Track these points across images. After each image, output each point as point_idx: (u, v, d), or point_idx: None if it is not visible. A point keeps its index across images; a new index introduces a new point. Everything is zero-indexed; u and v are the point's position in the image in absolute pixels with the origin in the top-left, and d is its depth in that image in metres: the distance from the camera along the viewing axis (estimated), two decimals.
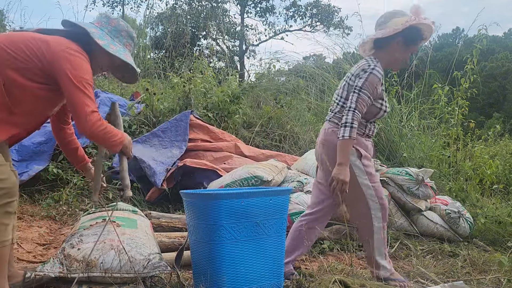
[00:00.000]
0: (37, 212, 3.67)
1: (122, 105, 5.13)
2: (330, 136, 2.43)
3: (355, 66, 2.48)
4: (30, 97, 1.87)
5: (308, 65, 7.59)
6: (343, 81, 2.50)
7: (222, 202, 2.04)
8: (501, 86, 26.56)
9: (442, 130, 5.72)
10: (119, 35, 2.10)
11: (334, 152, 2.36)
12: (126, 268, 2.02)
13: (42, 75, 1.87)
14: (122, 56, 2.03)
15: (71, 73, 1.85)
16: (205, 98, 5.57)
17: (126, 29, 2.13)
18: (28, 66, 1.83)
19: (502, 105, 25.27)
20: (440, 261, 3.06)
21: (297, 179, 3.44)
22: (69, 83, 1.85)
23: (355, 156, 2.39)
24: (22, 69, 1.82)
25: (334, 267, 2.68)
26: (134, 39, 2.18)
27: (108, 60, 2.08)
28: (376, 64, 2.37)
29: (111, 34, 2.07)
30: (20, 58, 1.82)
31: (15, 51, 1.82)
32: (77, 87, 1.85)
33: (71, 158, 2.38)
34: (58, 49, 1.87)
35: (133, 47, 2.18)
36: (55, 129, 2.31)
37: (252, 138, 5.42)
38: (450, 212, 3.62)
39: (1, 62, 1.80)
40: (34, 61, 1.84)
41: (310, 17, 24.47)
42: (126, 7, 23.57)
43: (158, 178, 3.91)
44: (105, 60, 2.08)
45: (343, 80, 2.53)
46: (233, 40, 23.24)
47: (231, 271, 2.05)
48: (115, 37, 2.08)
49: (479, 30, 5.03)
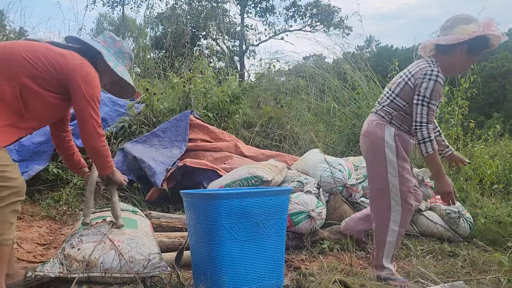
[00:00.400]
0: (37, 212, 3.67)
1: (122, 105, 5.13)
2: (373, 128, 2.44)
3: (415, 65, 2.42)
4: (42, 104, 2.00)
5: (308, 65, 7.59)
6: (400, 78, 2.44)
7: (222, 202, 2.04)
8: (501, 86, 26.55)
9: (442, 130, 5.72)
10: (122, 57, 2.32)
11: (375, 144, 2.39)
12: (126, 268, 2.02)
13: (57, 86, 2.01)
14: (126, 78, 2.26)
15: (85, 88, 2.02)
16: (205, 98, 5.57)
17: (129, 52, 2.35)
18: (45, 76, 1.96)
19: (502, 105, 25.26)
20: (440, 261, 3.06)
21: (297, 179, 3.44)
22: (82, 98, 2.02)
23: (394, 154, 2.38)
24: (39, 78, 1.95)
25: (334, 267, 2.68)
26: (133, 60, 2.42)
27: (110, 78, 2.29)
28: (438, 70, 2.31)
29: (116, 55, 2.29)
30: (39, 68, 1.94)
31: (35, 61, 1.94)
32: (88, 102, 2.03)
33: (68, 162, 2.50)
34: (74, 64, 2.03)
35: (130, 67, 2.42)
36: (53, 135, 2.43)
37: (252, 138, 5.42)
38: (450, 212, 3.62)
39: (19, 70, 1.92)
40: (51, 72, 1.97)
41: (310, 17, 24.48)
42: (126, 7, 23.59)
43: (158, 178, 3.91)
44: (108, 78, 2.28)
45: (399, 77, 2.47)
46: (233, 40, 23.25)
47: (231, 271, 2.05)
48: (119, 58, 2.30)
49: None
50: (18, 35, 9.50)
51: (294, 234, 3.13)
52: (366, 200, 3.43)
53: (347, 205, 3.41)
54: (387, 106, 2.45)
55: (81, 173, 2.48)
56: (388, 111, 2.43)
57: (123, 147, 4.38)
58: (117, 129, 4.69)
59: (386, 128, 2.40)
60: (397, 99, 2.41)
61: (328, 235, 3.24)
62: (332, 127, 6.04)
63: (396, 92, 2.42)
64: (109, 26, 28.50)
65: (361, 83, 5.64)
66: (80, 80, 2.01)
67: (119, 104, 5.14)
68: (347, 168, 3.48)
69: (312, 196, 3.23)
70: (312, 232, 3.18)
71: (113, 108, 5.04)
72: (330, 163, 3.47)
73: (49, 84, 1.98)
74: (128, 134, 4.79)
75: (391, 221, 2.41)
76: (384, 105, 2.46)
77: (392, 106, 2.43)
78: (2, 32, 7.88)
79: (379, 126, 2.41)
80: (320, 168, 3.54)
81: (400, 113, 2.41)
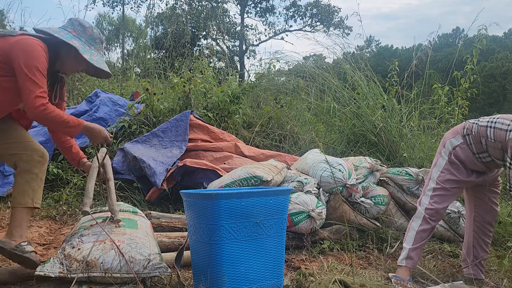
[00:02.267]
0: (37, 212, 3.67)
1: (122, 105, 5.14)
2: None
3: None
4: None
5: (308, 65, 7.57)
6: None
7: (222, 202, 2.04)
8: (501, 86, 26.55)
9: (442, 130, 5.72)
10: (94, 43, 2.38)
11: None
12: (126, 268, 2.02)
13: (6, 68, 2.07)
14: (102, 67, 2.33)
15: (23, 61, 2.05)
16: (205, 98, 5.57)
17: (99, 37, 2.41)
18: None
19: (502, 105, 25.26)
20: (440, 261, 3.06)
21: (297, 179, 3.44)
22: (20, 71, 2.05)
23: (448, 154, 2.55)
24: None
25: (334, 267, 2.68)
26: (104, 41, 2.49)
27: (87, 66, 2.38)
28: None
29: (88, 42, 2.35)
30: None
31: None
32: (25, 74, 2.04)
33: (67, 155, 2.59)
34: (13, 40, 2.09)
35: (103, 48, 2.50)
36: (50, 130, 2.53)
37: (252, 138, 5.41)
38: (450, 212, 3.62)
39: None
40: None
41: (310, 17, 24.50)
42: (126, 7, 23.60)
43: (158, 178, 3.91)
44: (84, 66, 2.37)
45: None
46: (233, 40, 23.26)
47: (231, 271, 2.05)
48: (91, 45, 2.36)
49: (479, 30, 5.03)
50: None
51: (294, 234, 3.13)
52: (367, 200, 3.44)
53: (347, 205, 3.41)
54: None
55: (81, 165, 2.55)
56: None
57: (123, 147, 4.39)
58: (117, 129, 4.69)
59: None
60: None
61: (328, 235, 3.24)
62: (332, 127, 6.03)
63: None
64: (108, 26, 28.49)
65: (361, 83, 5.63)
66: (20, 52, 2.05)
67: (119, 104, 5.14)
68: (347, 168, 3.48)
69: (312, 196, 3.23)
70: (312, 232, 3.18)
71: (113, 108, 5.04)
72: (330, 163, 3.47)
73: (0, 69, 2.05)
74: (128, 134, 4.79)
75: (413, 219, 2.68)
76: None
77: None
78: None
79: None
80: (320, 168, 3.53)
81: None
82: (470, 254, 2.70)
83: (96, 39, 2.37)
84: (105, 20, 27.94)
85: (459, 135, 2.54)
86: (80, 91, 6.70)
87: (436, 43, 29.42)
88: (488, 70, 26.68)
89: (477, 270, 2.66)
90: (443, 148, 2.60)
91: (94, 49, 2.35)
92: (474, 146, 2.47)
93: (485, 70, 25.98)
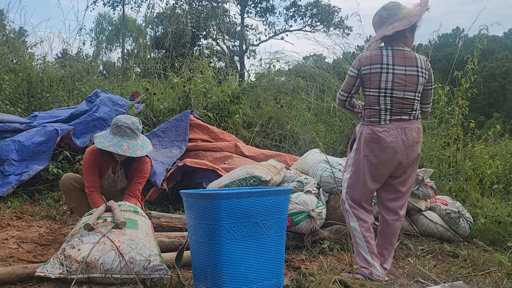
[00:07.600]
0: (37, 212, 3.67)
1: (122, 105, 5.13)
2: (421, 134, 2.57)
3: (423, 60, 2.52)
4: None
5: (308, 65, 7.57)
6: (420, 77, 2.48)
7: (222, 202, 2.04)
8: (501, 86, 26.54)
9: (442, 130, 5.72)
10: (116, 129, 2.82)
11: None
12: (126, 269, 2.02)
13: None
14: (105, 147, 2.74)
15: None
16: (205, 98, 5.57)
17: (121, 125, 2.82)
18: None
19: (502, 105, 25.25)
20: (440, 261, 3.06)
21: (297, 179, 3.44)
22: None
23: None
24: None
25: (334, 267, 2.68)
26: (122, 125, 2.84)
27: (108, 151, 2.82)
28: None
29: (112, 131, 2.84)
30: None
31: None
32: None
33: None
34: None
35: (129, 131, 2.84)
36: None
37: (252, 138, 5.41)
38: (450, 212, 3.62)
39: None
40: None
41: (310, 17, 24.49)
42: (127, 7, 23.60)
43: (158, 178, 3.91)
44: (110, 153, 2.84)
45: (416, 76, 2.47)
46: (233, 40, 23.25)
47: (231, 271, 2.05)
48: (113, 133, 2.82)
49: (480, 30, 5.03)
50: (18, 35, 9.48)
51: (294, 234, 3.13)
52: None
53: None
54: (419, 111, 2.58)
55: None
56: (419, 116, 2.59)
57: None
58: None
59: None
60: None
61: (328, 235, 3.24)
62: (332, 127, 6.03)
63: (419, 90, 2.52)
64: (108, 26, 28.49)
65: None
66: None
67: (119, 104, 5.14)
68: None
69: (312, 196, 3.23)
70: (312, 232, 3.18)
71: (113, 108, 5.04)
72: (330, 163, 3.47)
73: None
74: None
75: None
76: (418, 110, 2.56)
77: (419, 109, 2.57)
78: (2, 32, 7.88)
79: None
80: (320, 168, 3.53)
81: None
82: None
83: (121, 125, 2.82)
84: (105, 20, 27.94)
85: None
86: (80, 91, 6.69)
87: (436, 43, 29.44)
88: (488, 70, 26.67)
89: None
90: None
91: (112, 134, 2.82)
92: None
93: (485, 70, 25.96)
